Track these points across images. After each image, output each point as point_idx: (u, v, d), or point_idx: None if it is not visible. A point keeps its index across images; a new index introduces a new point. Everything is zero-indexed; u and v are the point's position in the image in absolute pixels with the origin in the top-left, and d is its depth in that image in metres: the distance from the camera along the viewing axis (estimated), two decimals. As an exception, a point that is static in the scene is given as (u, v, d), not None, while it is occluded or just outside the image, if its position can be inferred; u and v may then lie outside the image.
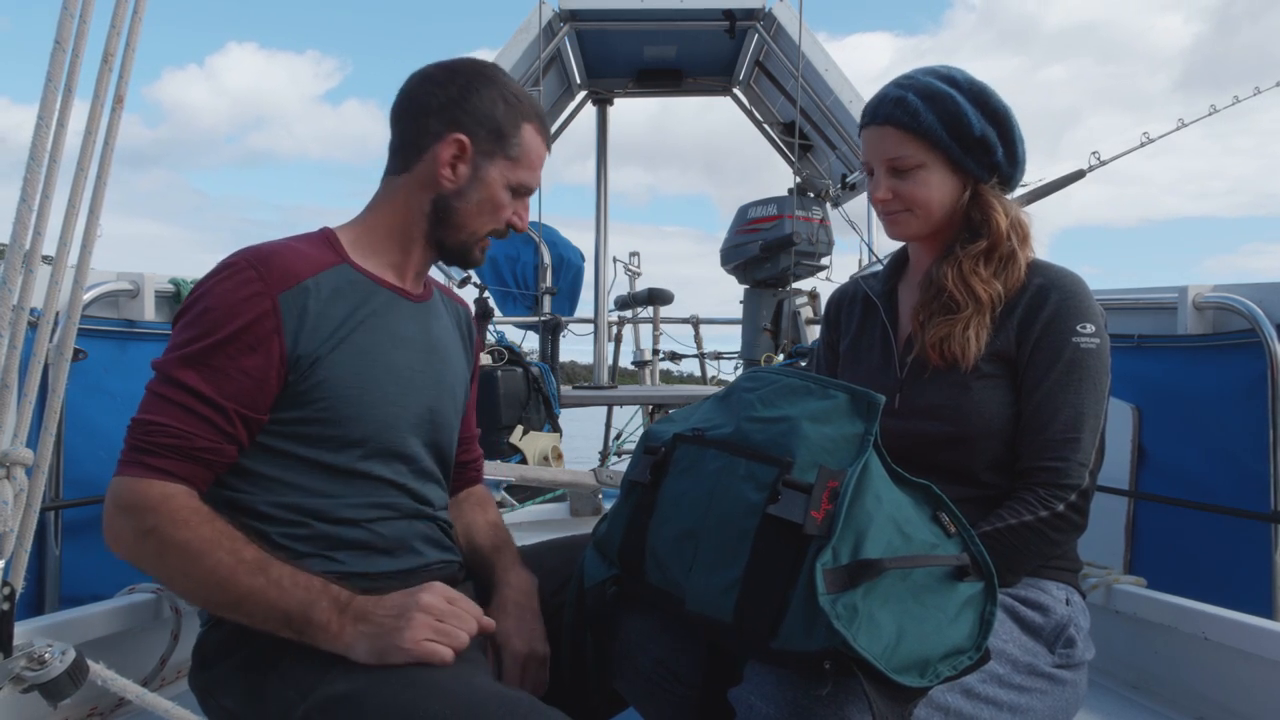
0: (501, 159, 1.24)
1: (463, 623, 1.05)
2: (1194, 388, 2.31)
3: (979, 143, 1.25)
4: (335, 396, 1.13)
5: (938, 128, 1.24)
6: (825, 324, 1.53)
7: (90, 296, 2.16)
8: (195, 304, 1.11)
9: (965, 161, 1.26)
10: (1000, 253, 1.26)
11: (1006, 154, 1.27)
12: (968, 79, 1.28)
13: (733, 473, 1.00)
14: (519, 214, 1.29)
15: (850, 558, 0.89)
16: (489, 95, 1.25)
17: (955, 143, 1.25)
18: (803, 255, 3.95)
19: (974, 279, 1.25)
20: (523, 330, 4.81)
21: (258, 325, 1.08)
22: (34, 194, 0.82)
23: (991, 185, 1.28)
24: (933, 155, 1.25)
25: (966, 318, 1.23)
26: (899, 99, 1.26)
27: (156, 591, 1.53)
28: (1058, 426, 1.18)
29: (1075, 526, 1.17)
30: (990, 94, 1.27)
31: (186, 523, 1.02)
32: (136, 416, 1.07)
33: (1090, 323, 1.21)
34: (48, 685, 0.85)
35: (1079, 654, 1.18)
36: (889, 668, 0.85)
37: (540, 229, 4.48)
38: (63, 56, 0.82)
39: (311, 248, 1.19)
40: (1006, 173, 1.29)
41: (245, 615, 1.02)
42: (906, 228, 1.31)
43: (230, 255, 1.15)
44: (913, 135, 1.25)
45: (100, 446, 2.12)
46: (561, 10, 3.94)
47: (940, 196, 1.27)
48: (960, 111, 1.24)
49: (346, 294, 1.17)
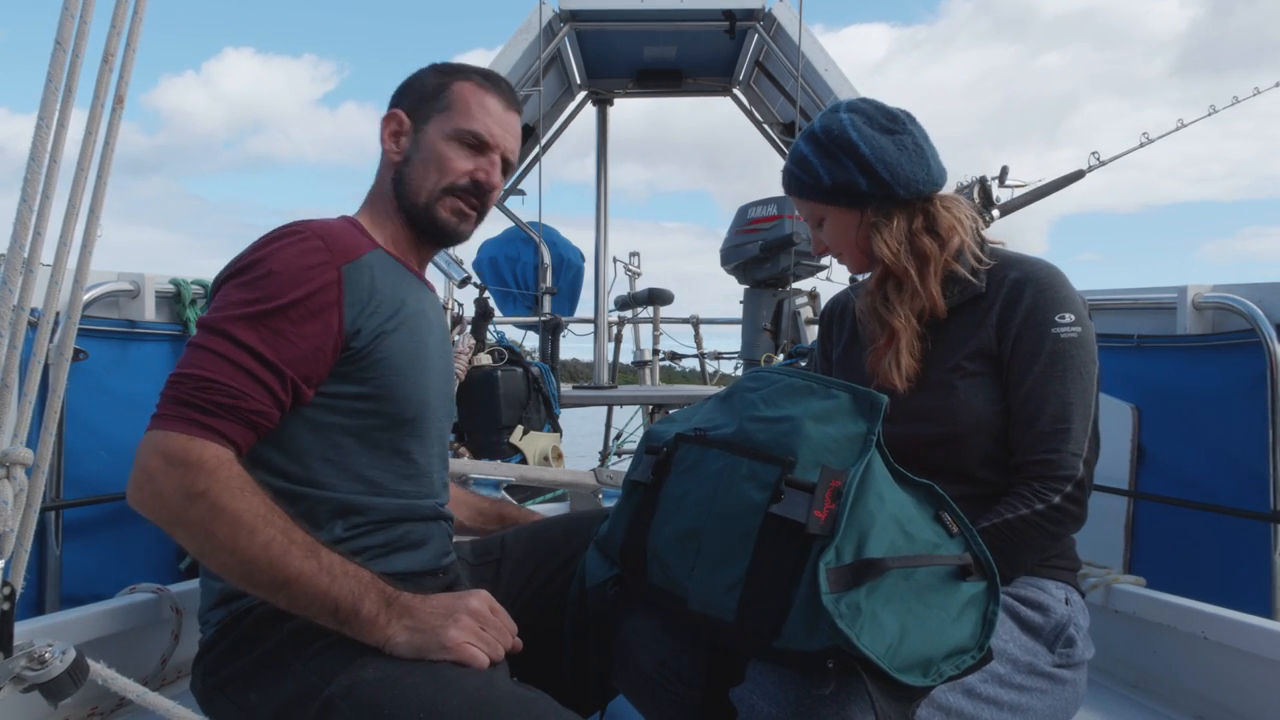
0: (435, 116, 1.26)
1: (502, 636, 1.07)
2: (1194, 388, 2.31)
3: (834, 188, 1.29)
4: (394, 374, 1.15)
5: (809, 186, 1.32)
6: (820, 334, 1.56)
7: (90, 297, 2.16)
8: (255, 266, 1.09)
9: (839, 201, 1.30)
10: (900, 276, 1.28)
11: (870, 180, 1.26)
12: (823, 126, 1.30)
13: (735, 472, 1.01)
14: (482, 168, 1.27)
15: (853, 557, 0.89)
16: (425, 73, 1.31)
17: (823, 194, 1.31)
18: (803, 255, 3.94)
19: (881, 309, 1.30)
20: (523, 330, 4.81)
21: (322, 294, 1.08)
22: (34, 194, 0.82)
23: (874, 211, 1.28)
24: (823, 207, 1.33)
25: (881, 348, 1.29)
26: (786, 171, 1.37)
27: (156, 591, 1.53)
28: (1046, 419, 1.18)
29: (1073, 518, 1.16)
30: (834, 133, 1.28)
31: (242, 491, 0.99)
32: (184, 370, 1.03)
33: (1069, 312, 1.21)
34: (48, 685, 0.85)
35: (1079, 653, 1.18)
36: (892, 667, 0.85)
37: (540, 229, 4.48)
38: (63, 57, 0.82)
39: (354, 229, 1.23)
40: (883, 193, 1.27)
41: (288, 597, 0.99)
42: (850, 266, 1.41)
43: (287, 224, 1.15)
44: (801, 198, 1.36)
45: (100, 446, 2.12)
46: (561, 10, 3.94)
47: (849, 236, 1.33)
48: (811, 167, 1.31)
49: (391, 275, 1.20)
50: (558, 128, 4.79)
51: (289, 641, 1.04)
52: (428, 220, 1.26)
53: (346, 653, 1.01)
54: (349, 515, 1.14)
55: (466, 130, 1.26)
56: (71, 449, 2.05)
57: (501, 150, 1.29)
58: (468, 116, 1.26)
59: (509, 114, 1.30)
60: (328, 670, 1.01)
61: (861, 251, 1.33)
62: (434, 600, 1.05)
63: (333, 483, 1.13)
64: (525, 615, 1.24)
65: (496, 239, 5.14)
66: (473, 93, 1.27)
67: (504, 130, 1.29)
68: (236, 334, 1.03)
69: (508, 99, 1.31)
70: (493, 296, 4.22)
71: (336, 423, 1.12)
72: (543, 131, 4.50)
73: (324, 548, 1.02)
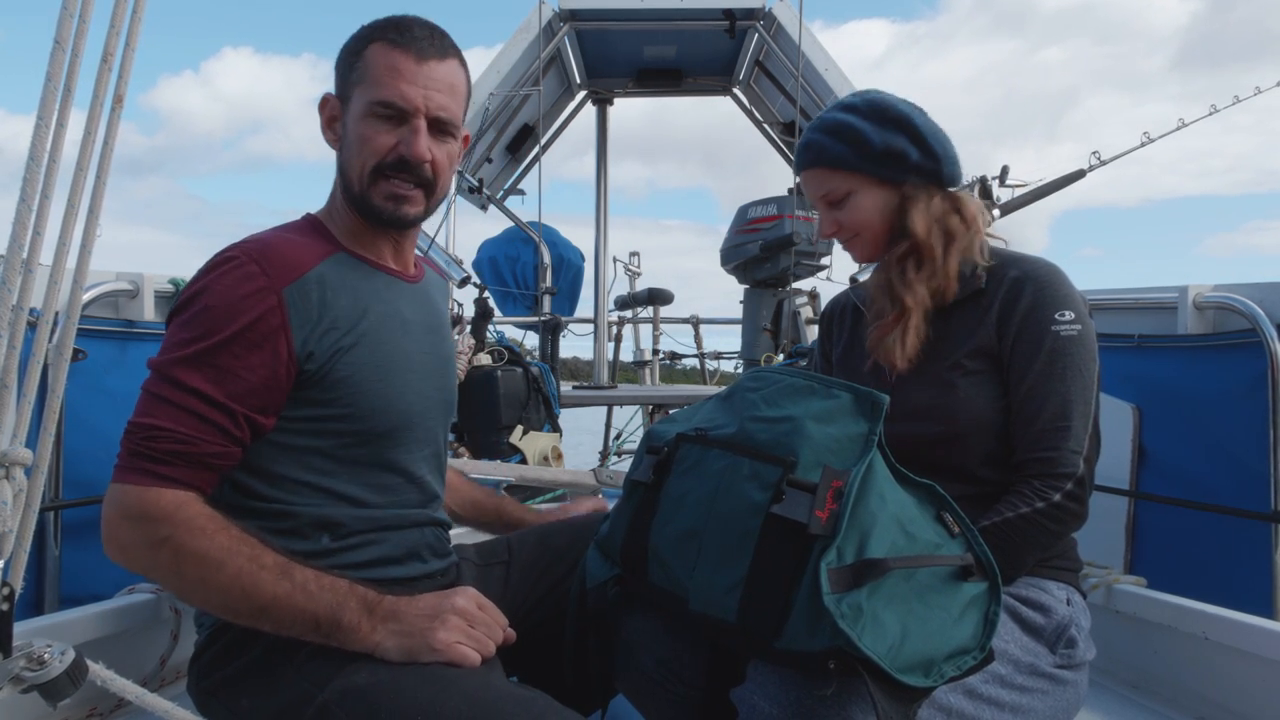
0: (355, 91, 1.14)
1: (491, 631, 1.06)
2: (1194, 387, 2.31)
3: (884, 153, 1.28)
4: (359, 390, 1.10)
5: (846, 153, 1.29)
6: (820, 335, 1.57)
7: (90, 297, 2.16)
8: (193, 301, 1.05)
9: (882, 172, 1.29)
10: (926, 253, 1.29)
11: (922, 152, 1.28)
12: (867, 101, 1.31)
13: (736, 472, 1.00)
14: (404, 140, 1.13)
15: (855, 557, 0.89)
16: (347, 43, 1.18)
17: (864, 160, 1.29)
18: (803, 255, 3.94)
19: (898, 284, 1.29)
20: (523, 330, 4.81)
21: (262, 323, 1.03)
22: (33, 194, 0.81)
23: (915, 185, 1.29)
24: (854, 179, 1.31)
25: (889, 324, 1.28)
26: (808, 143, 1.34)
27: (156, 592, 1.52)
28: (1046, 416, 1.18)
29: (1074, 516, 1.16)
30: (889, 104, 1.30)
31: (203, 530, 0.98)
32: (136, 419, 1.02)
33: (1069, 310, 1.21)
34: (47, 685, 0.85)
35: (1080, 654, 1.18)
36: (893, 668, 0.85)
37: (540, 229, 4.48)
38: (62, 56, 0.82)
39: (304, 236, 1.16)
40: (930, 168, 1.29)
41: (271, 622, 0.99)
42: (862, 250, 1.36)
43: (225, 248, 1.09)
44: (828, 169, 1.32)
45: (100, 446, 2.12)
46: (561, 10, 3.94)
47: (876, 213, 1.31)
48: (856, 131, 1.29)
49: (351, 283, 1.14)
50: (557, 128, 4.79)
51: (280, 646, 1.03)
52: (367, 210, 1.17)
53: (338, 658, 1.01)
54: (335, 528, 1.12)
55: (377, 101, 1.12)
56: (71, 449, 2.05)
57: (426, 112, 1.13)
58: (378, 85, 1.12)
59: (425, 65, 1.13)
60: (320, 676, 1.00)
61: (884, 231, 1.31)
62: (419, 602, 1.04)
63: (315, 501, 1.11)
64: (531, 618, 1.25)
65: (496, 239, 5.14)
66: (381, 55, 1.12)
67: (423, 88, 1.13)
68: (180, 377, 1.01)
69: (421, 50, 1.13)
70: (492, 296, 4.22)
71: (308, 445, 1.10)
72: (542, 131, 4.50)
73: (298, 566, 1.01)
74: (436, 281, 1.36)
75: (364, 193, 1.16)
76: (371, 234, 1.21)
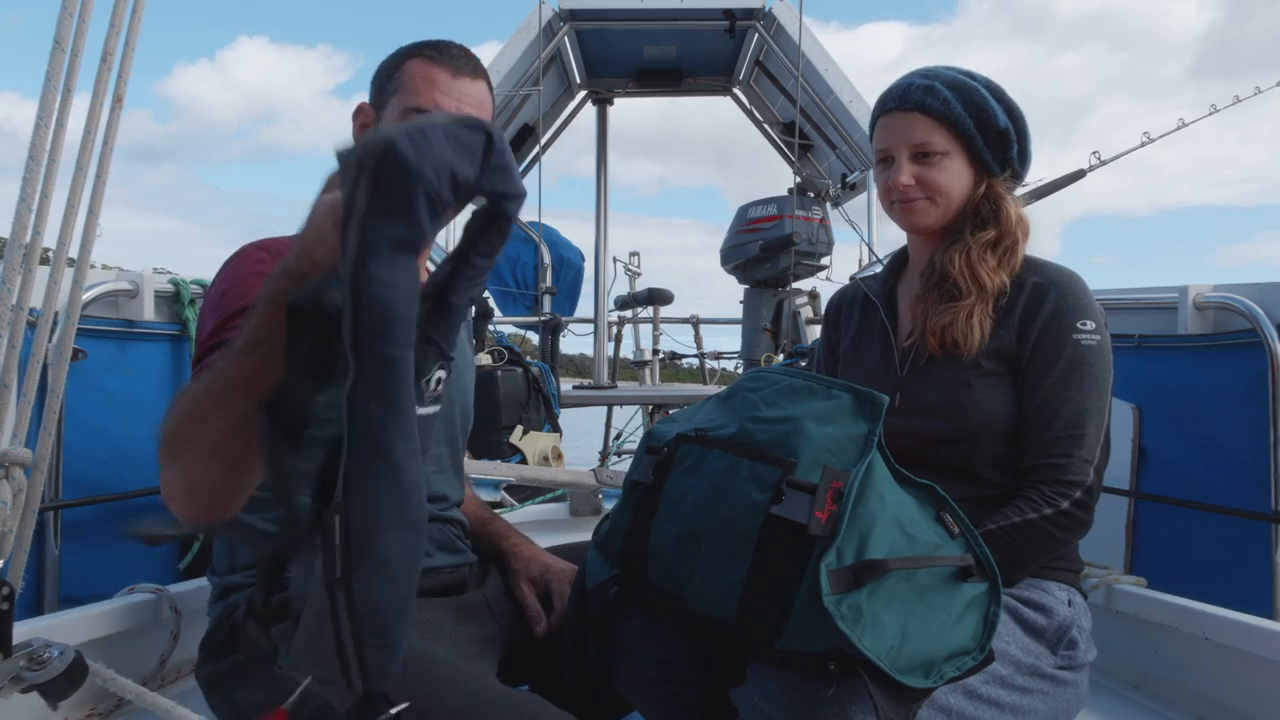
0: (391, 101, 1.22)
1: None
2: (1194, 387, 2.31)
3: (1001, 136, 1.28)
4: None
5: (966, 118, 1.27)
6: (825, 327, 1.54)
7: (89, 296, 2.15)
8: (213, 291, 1.11)
9: (984, 154, 1.28)
10: (1006, 244, 1.28)
11: (1020, 150, 1.30)
12: (988, 81, 1.31)
13: (736, 473, 1.00)
14: None
15: (854, 558, 0.89)
16: (386, 59, 1.26)
17: (980, 134, 1.27)
18: (803, 255, 3.95)
19: (981, 266, 1.26)
20: (523, 330, 4.81)
21: None
22: (33, 193, 0.81)
23: (1005, 180, 1.31)
24: (957, 145, 1.28)
25: (970, 305, 1.24)
26: (928, 87, 1.28)
27: (156, 591, 1.52)
28: (1061, 423, 1.18)
29: (1080, 524, 1.16)
30: (1007, 94, 1.30)
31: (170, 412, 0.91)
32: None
33: (1090, 319, 1.21)
34: (47, 685, 0.85)
35: (1081, 655, 1.18)
36: (893, 668, 0.85)
37: (540, 229, 4.48)
38: (62, 56, 0.82)
39: None
40: (1018, 168, 1.31)
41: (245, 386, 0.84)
42: (925, 216, 1.30)
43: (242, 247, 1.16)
44: (941, 123, 1.26)
45: (100, 446, 2.11)
46: (561, 10, 3.94)
47: (960, 186, 1.29)
48: (985, 103, 1.27)
49: None
50: (557, 128, 4.79)
51: (276, 644, 1.04)
52: None
53: None
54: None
55: (413, 109, 1.20)
56: (70, 449, 2.05)
57: None
58: (414, 94, 1.20)
59: (459, 81, 1.22)
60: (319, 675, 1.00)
61: (958, 208, 1.30)
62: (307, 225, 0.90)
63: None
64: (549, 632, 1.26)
65: (496, 239, 5.13)
66: (419, 68, 1.22)
67: (454, 100, 1.22)
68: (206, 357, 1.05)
69: (457, 66, 1.23)
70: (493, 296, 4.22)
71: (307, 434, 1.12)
72: (542, 131, 4.50)
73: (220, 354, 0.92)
74: None
75: None
76: None
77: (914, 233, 1.37)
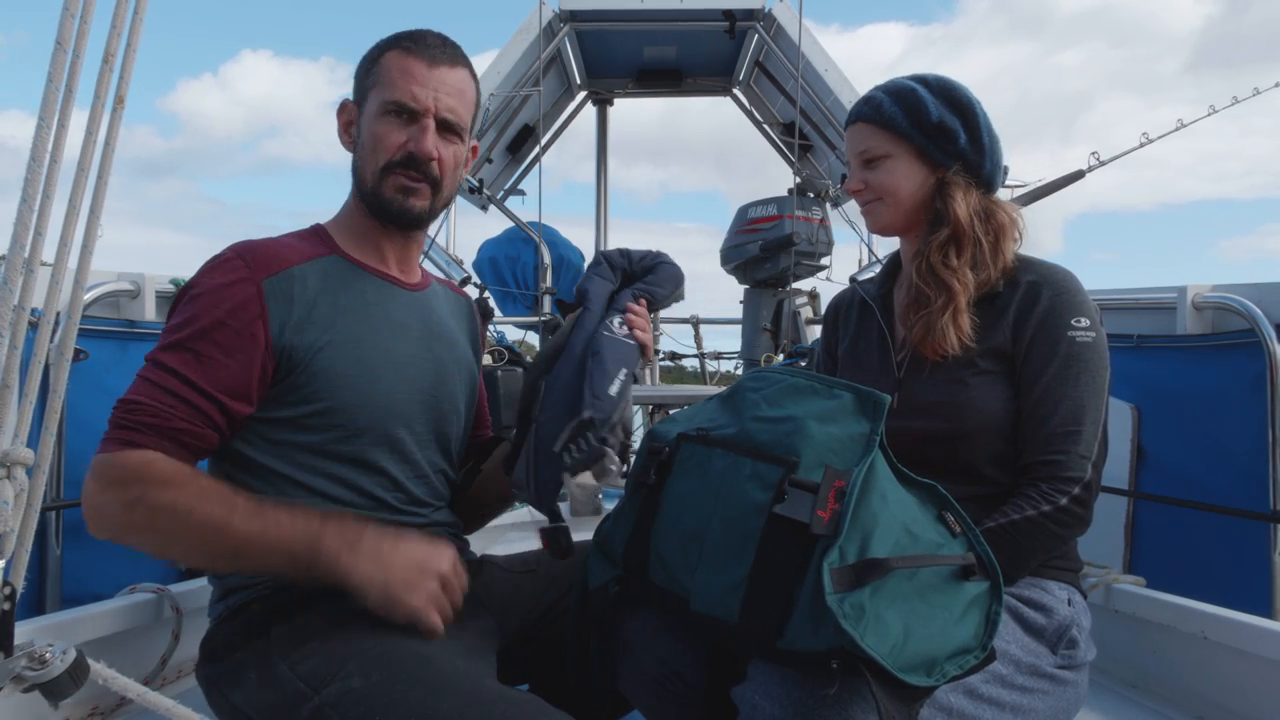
0: (371, 95, 1.22)
1: (455, 596, 1.10)
2: (1193, 387, 2.32)
3: (937, 129, 1.29)
4: (335, 385, 1.14)
5: (899, 117, 1.30)
6: (824, 331, 1.56)
7: (91, 297, 2.16)
8: (185, 294, 1.14)
9: (928, 148, 1.30)
10: (966, 241, 1.28)
11: (971, 141, 1.30)
12: (939, 79, 1.33)
13: (738, 472, 1.00)
14: (412, 138, 1.20)
15: (857, 557, 0.89)
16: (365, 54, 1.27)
17: (915, 129, 1.30)
18: (803, 255, 3.94)
19: (941, 269, 1.28)
20: (523, 330, 4.80)
21: (241, 311, 1.10)
22: (34, 195, 0.81)
23: (956, 172, 1.30)
24: (898, 145, 1.31)
25: (938, 309, 1.26)
26: (868, 98, 1.35)
27: (157, 591, 1.53)
28: (1057, 420, 1.18)
29: (1079, 520, 1.17)
30: (957, 88, 1.32)
31: (171, 481, 1.02)
32: (120, 398, 1.09)
33: (1085, 317, 1.22)
34: (48, 685, 0.85)
35: (1081, 655, 1.18)
36: (896, 667, 0.85)
37: (540, 229, 4.48)
38: (63, 58, 0.82)
39: (302, 240, 1.23)
40: (973, 160, 1.31)
41: (249, 561, 1.02)
42: (880, 217, 1.36)
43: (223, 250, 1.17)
44: (878, 127, 1.32)
45: (100, 447, 2.12)
46: (561, 10, 3.94)
47: (907, 185, 1.32)
48: (919, 101, 1.30)
49: (336, 282, 1.19)
50: (557, 128, 4.79)
51: (276, 644, 1.05)
52: (377, 204, 1.23)
53: (333, 660, 1.01)
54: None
55: (390, 101, 1.20)
56: (72, 449, 2.05)
57: (434, 112, 1.21)
58: (391, 87, 1.20)
59: (436, 70, 1.21)
60: (315, 679, 1.01)
61: (910, 207, 1.32)
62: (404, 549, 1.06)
63: (305, 497, 1.14)
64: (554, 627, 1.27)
65: (496, 239, 5.14)
66: (396, 60, 1.21)
67: (432, 90, 1.20)
68: (163, 360, 1.09)
69: (433, 56, 1.22)
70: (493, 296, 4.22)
71: (295, 440, 1.14)
72: (543, 131, 4.50)
73: (270, 506, 1.03)
74: (448, 295, 1.41)
75: (375, 188, 1.23)
76: (376, 237, 1.27)
77: (879, 234, 1.43)
